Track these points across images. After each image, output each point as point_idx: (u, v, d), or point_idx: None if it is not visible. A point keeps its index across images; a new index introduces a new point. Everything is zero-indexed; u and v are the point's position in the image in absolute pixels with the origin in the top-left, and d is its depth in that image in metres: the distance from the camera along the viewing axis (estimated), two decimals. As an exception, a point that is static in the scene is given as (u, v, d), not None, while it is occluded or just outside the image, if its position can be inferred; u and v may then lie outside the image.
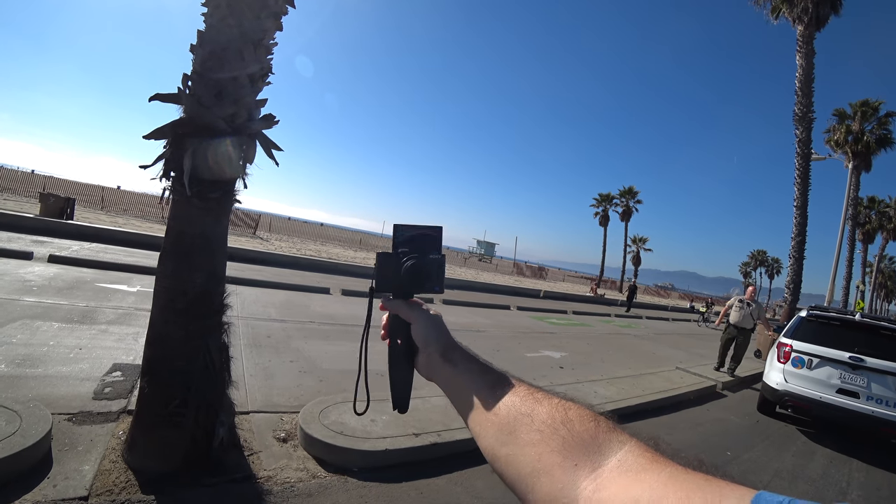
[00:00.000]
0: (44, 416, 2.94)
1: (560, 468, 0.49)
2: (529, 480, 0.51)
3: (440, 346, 0.71)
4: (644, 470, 0.45)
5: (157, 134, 2.72)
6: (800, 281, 15.69)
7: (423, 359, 0.72)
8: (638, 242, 55.10)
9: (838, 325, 6.55)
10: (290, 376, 4.85)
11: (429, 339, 0.72)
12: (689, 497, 0.40)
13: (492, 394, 0.61)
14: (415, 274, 0.72)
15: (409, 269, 0.71)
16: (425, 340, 0.72)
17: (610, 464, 0.48)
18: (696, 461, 0.46)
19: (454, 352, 0.70)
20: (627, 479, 0.45)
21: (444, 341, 0.72)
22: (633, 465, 0.46)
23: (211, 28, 2.78)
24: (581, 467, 0.48)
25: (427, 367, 0.72)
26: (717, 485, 0.40)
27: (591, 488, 0.46)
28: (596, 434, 0.50)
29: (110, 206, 22.12)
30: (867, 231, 36.20)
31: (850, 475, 4.98)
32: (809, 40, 15.54)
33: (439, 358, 0.70)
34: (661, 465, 0.45)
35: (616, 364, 8.43)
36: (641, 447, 0.48)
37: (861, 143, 22.80)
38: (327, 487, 3.08)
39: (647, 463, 0.46)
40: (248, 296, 8.59)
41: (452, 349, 0.71)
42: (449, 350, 0.71)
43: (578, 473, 0.48)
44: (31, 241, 9.90)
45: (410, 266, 0.71)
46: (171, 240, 2.85)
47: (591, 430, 0.51)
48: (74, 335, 4.91)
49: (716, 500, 0.38)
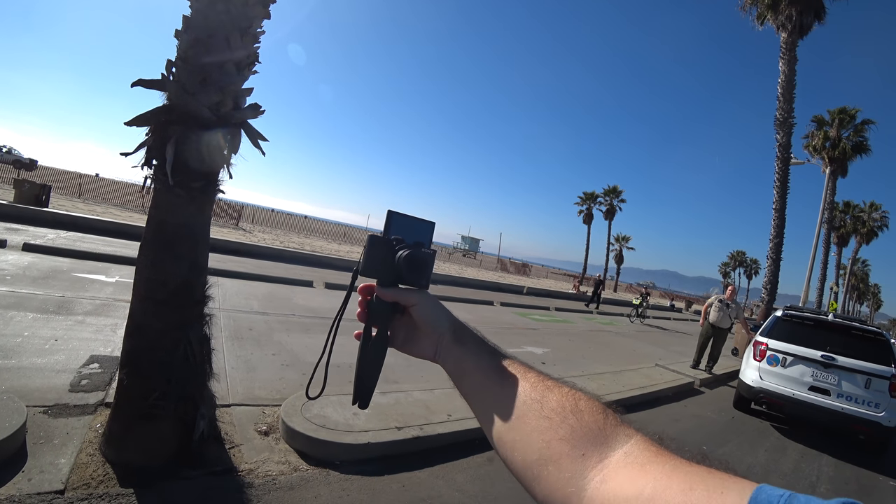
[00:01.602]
0: (18, 409, 2.87)
1: (568, 457, 0.49)
2: (536, 468, 0.51)
3: (451, 325, 0.70)
4: (649, 462, 0.46)
5: (139, 121, 2.66)
6: (777, 281, 16.05)
7: (432, 339, 0.70)
8: (621, 241, 55.81)
9: (812, 325, 6.74)
10: (272, 369, 4.81)
11: (440, 318, 0.70)
12: (691, 488, 0.41)
13: (501, 377, 0.61)
14: (413, 264, 0.69)
15: (407, 259, 0.69)
16: (435, 320, 0.70)
17: (616, 455, 0.48)
18: (700, 455, 0.47)
19: (463, 331, 0.69)
20: (633, 470, 0.46)
21: (453, 321, 0.71)
22: (639, 457, 0.47)
23: (197, 13, 2.72)
24: (589, 457, 0.48)
25: (437, 347, 0.69)
26: (720, 477, 0.41)
27: (598, 479, 0.47)
28: (604, 426, 0.51)
29: (88, 194, 21.56)
30: (842, 234, 37.18)
31: (819, 469, 5.14)
32: (792, 47, 15.84)
33: (450, 337, 0.68)
34: (665, 457, 0.47)
35: (597, 360, 8.55)
36: (647, 441, 0.50)
37: (838, 149, 23.36)
38: (309, 480, 3.07)
39: (652, 456, 0.47)
40: (231, 288, 8.49)
41: (462, 329, 0.70)
42: (458, 329, 0.69)
43: (586, 464, 0.48)
44: (4, 228, 9.61)
45: (409, 255, 0.69)
46: (153, 229, 2.80)
47: (600, 422, 0.51)
48: (50, 326, 4.79)
49: (718, 491, 0.40)
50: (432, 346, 0.70)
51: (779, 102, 15.96)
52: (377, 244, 0.71)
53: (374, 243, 0.71)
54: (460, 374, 0.66)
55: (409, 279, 0.71)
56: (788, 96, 15.80)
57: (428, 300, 0.71)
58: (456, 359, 0.67)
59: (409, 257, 0.69)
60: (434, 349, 0.70)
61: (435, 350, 0.70)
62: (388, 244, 0.71)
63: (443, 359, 0.69)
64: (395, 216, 0.73)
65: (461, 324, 0.71)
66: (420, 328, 0.71)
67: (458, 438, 3.90)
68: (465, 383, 0.65)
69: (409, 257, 0.69)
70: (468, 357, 0.66)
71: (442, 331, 0.69)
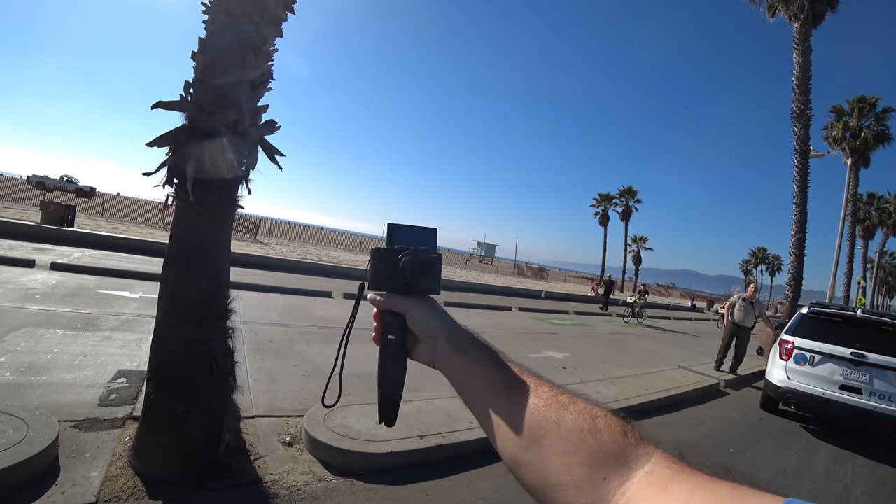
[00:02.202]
0: (50, 424, 2.96)
1: (590, 482, 0.48)
2: (555, 492, 0.50)
3: (445, 329, 0.67)
4: (671, 481, 0.45)
5: (160, 141, 2.74)
6: (801, 278, 15.69)
7: (427, 346, 0.67)
8: (638, 242, 55.12)
9: (840, 322, 6.56)
10: (294, 380, 4.86)
11: (430, 324, 0.67)
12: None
13: (511, 392, 0.58)
14: (415, 267, 0.66)
15: (409, 263, 0.66)
16: (426, 327, 0.67)
17: (638, 476, 0.47)
18: (723, 470, 0.46)
19: (461, 336, 0.66)
20: (655, 490, 0.45)
21: (449, 325, 0.67)
22: (661, 476, 0.46)
23: (212, 35, 2.80)
24: (610, 481, 0.48)
25: (431, 354, 0.67)
26: (745, 493, 0.40)
27: (621, 502, 0.46)
28: (624, 445, 0.49)
29: (111, 213, 22.15)
30: (867, 227, 36.18)
31: (854, 471, 4.98)
32: (806, 37, 15.58)
33: (446, 344, 0.65)
34: (687, 475, 0.46)
35: (618, 364, 8.44)
36: (668, 458, 0.48)
37: (859, 140, 22.81)
38: (333, 490, 3.09)
39: (673, 474, 0.46)
40: (250, 300, 8.61)
41: (459, 333, 0.67)
42: (455, 335, 0.66)
43: (609, 487, 0.47)
44: (32, 248, 9.91)
45: (410, 259, 0.66)
46: (175, 246, 2.87)
47: (620, 441, 0.50)
48: (78, 342, 4.93)
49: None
50: (427, 351, 0.67)
51: (794, 94, 15.69)
52: (380, 256, 0.69)
53: (377, 256, 0.69)
54: (462, 384, 0.64)
55: (415, 284, 0.68)
56: (804, 87, 15.52)
57: (421, 306, 0.68)
58: (455, 368, 0.64)
59: (410, 261, 0.67)
60: (429, 354, 0.67)
61: (430, 356, 0.67)
62: (393, 254, 0.69)
63: (441, 366, 0.66)
64: (396, 228, 0.72)
65: (461, 330, 0.68)
66: (415, 334, 0.68)
67: (481, 446, 3.87)
68: (468, 395, 0.63)
69: (410, 261, 0.67)
70: (468, 366, 0.63)
71: (436, 335, 0.66)
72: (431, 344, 0.67)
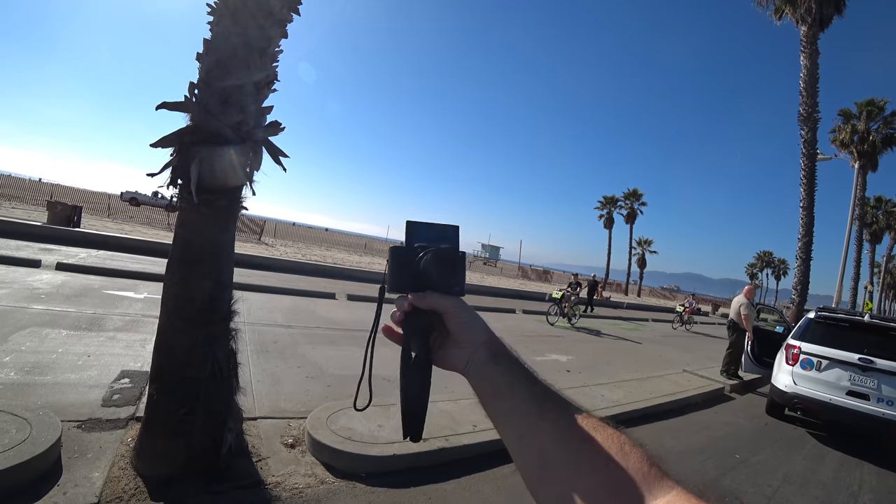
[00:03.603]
0: (53, 424, 2.96)
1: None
2: None
3: (488, 338, 0.64)
4: None
5: (164, 142, 2.74)
6: (807, 282, 15.56)
7: (467, 352, 0.63)
8: (643, 245, 54.91)
9: (847, 327, 6.49)
10: (297, 382, 4.85)
11: (477, 328, 0.64)
12: None
13: (540, 407, 0.57)
14: (441, 265, 0.62)
15: (434, 261, 0.62)
16: (472, 331, 0.63)
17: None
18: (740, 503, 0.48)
19: (501, 348, 0.64)
20: None
21: (491, 333, 0.65)
22: None
23: (217, 37, 2.81)
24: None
25: (468, 360, 0.63)
26: None
27: None
28: (648, 475, 0.50)
29: (116, 214, 22.29)
30: (874, 231, 35.88)
31: (861, 478, 4.92)
32: (813, 41, 15.49)
33: (486, 351, 0.62)
34: None
35: (622, 367, 8.39)
36: (687, 494, 0.48)
37: (867, 143, 22.67)
38: (336, 493, 3.08)
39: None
40: (255, 302, 8.62)
41: (499, 344, 0.64)
42: (496, 345, 0.64)
43: None
44: (38, 248, 9.98)
45: (433, 257, 0.62)
46: (179, 247, 2.87)
47: (644, 471, 0.50)
48: (83, 342, 4.94)
49: None
50: (464, 358, 0.63)
51: (802, 97, 15.60)
52: (401, 255, 0.65)
53: (397, 254, 0.65)
54: (492, 393, 0.61)
55: (441, 283, 0.63)
56: (812, 91, 15.43)
57: (465, 307, 0.65)
58: (489, 376, 0.61)
59: (436, 256, 0.62)
60: (466, 361, 0.63)
61: (466, 362, 0.63)
62: (413, 252, 0.65)
63: (473, 373, 0.63)
64: (414, 225, 0.67)
65: (498, 339, 0.65)
66: (454, 338, 0.64)
67: (484, 449, 3.85)
68: (495, 405, 0.61)
69: (436, 256, 0.62)
70: (503, 377, 0.61)
71: (479, 343, 0.63)
72: (472, 350, 0.63)
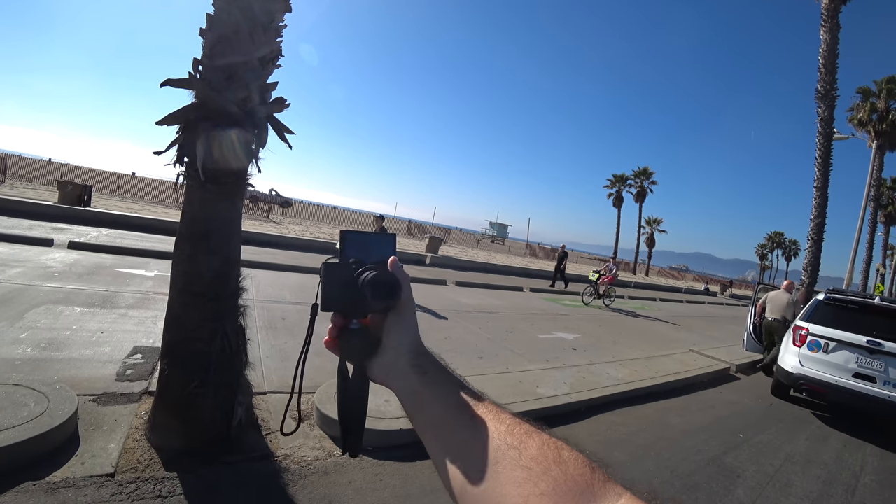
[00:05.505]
0: (70, 398, 3.04)
1: None
2: None
3: (412, 346, 0.61)
4: None
5: (169, 119, 2.73)
6: (818, 263, 15.38)
7: (387, 359, 0.61)
8: (652, 224, 54.40)
9: (857, 309, 6.44)
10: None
11: (399, 333, 0.62)
12: None
13: (468, 416, 0.53)
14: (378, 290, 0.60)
15: (372, 287, 0.59)
16: (392, 336, 0.62)
17: None
18: None
19: (425, 357, 0.61)
20: None
21: (417, 343, 0.62)
22: None
23: (220, 11, 2.77)
24: None
25: (387, 369, 0.61)
26: None
27: None
28: (591, 481, 0.44)
29: (126, 193, 22.41)
30: (890, 213, 35.17)
31: (863, 460, 4.95)
32: (834, 14, 14.94)
33: (408, 362, 0.60)
34: None
35: (628, 346, 8.42)
36: (637, 500, 0.44)
37: (886, 122, 22.06)
38: (343, 466, 3.15)
39: None
40: (263, 279, 8.71)
41: (423, 354, 0.61)
42: (420, 355, 0.61)
43: None
44: (50, 228, 10.10)
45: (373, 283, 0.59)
46: (187, 225, 2.89)
47: (587, 476, 0.45)
48: (96, 319, 5.04)
49: None
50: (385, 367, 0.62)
51: (820, 74, 15.14)
52: (334, 272, 0.62)
53: (329, 272, 0.62)
54: (416, 404, 0.58)
55: (377, 308, 0.61)
56: (831, 67, 14.96)
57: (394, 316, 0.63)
58: (409, 387, 0.59)
59: (373, 284, 0.59)
60: (387, 370, 0.62)
61: (387, 373, 0.61)
62: (348, 269, 0.62)
63: (396, 385, 0.61)
64: (349, 235, 0.66)
65: (424, 349, 0.62)
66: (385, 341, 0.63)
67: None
68: (421, 417, 0.57)
69: (373, 284, 0.59)
70: (427, 387, 0.58)
71: (401, 350, 0.61)
72: (394, 356, 0.61)
